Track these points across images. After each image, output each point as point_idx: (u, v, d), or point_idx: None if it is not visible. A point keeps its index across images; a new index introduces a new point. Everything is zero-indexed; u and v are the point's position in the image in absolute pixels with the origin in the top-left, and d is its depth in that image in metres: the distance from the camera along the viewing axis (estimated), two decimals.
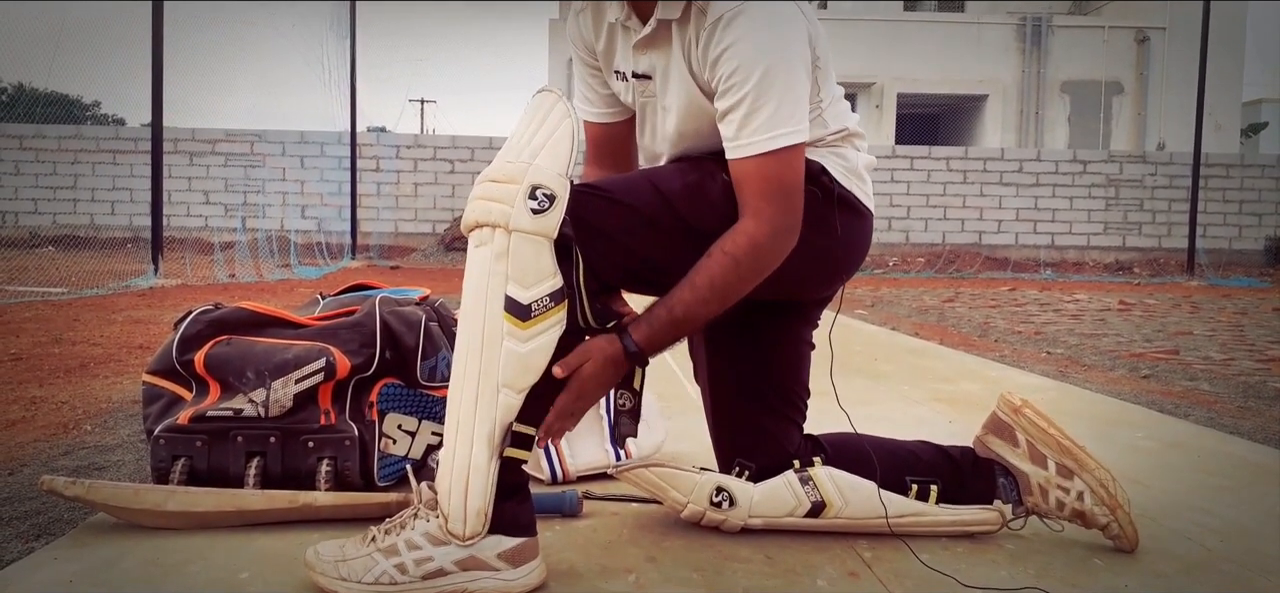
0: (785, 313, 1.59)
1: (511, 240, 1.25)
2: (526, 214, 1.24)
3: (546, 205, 1.25)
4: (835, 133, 1.51)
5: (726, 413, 1.61)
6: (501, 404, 1.27)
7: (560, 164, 1.27)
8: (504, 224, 1.25)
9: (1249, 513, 1.76)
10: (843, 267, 1.53)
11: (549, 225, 1.25)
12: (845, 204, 1.50)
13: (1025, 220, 15.13)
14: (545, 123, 1.30)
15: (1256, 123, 24.42)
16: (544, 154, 1.27)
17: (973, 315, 6.60)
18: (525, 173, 1.26)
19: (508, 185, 1.26)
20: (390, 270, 11.24)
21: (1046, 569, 1.45)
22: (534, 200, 1.25)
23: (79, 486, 1.53)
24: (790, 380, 1.60)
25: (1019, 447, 1.57)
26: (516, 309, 1.25)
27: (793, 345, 1.61)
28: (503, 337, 1.25)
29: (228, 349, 1.72)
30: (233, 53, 14.80)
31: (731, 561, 1.46)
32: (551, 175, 1.26)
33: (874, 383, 3.33)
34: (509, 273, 1.25)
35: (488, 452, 1.26)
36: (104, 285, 6.88)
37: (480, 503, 1.27)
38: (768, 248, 1.35)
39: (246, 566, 1.40)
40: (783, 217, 1.35)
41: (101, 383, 2.98)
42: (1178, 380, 3.59)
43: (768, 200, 1.34)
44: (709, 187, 1.41)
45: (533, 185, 1.25)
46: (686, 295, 1.34)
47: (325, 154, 14.28)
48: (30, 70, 9.83)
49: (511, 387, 1.27)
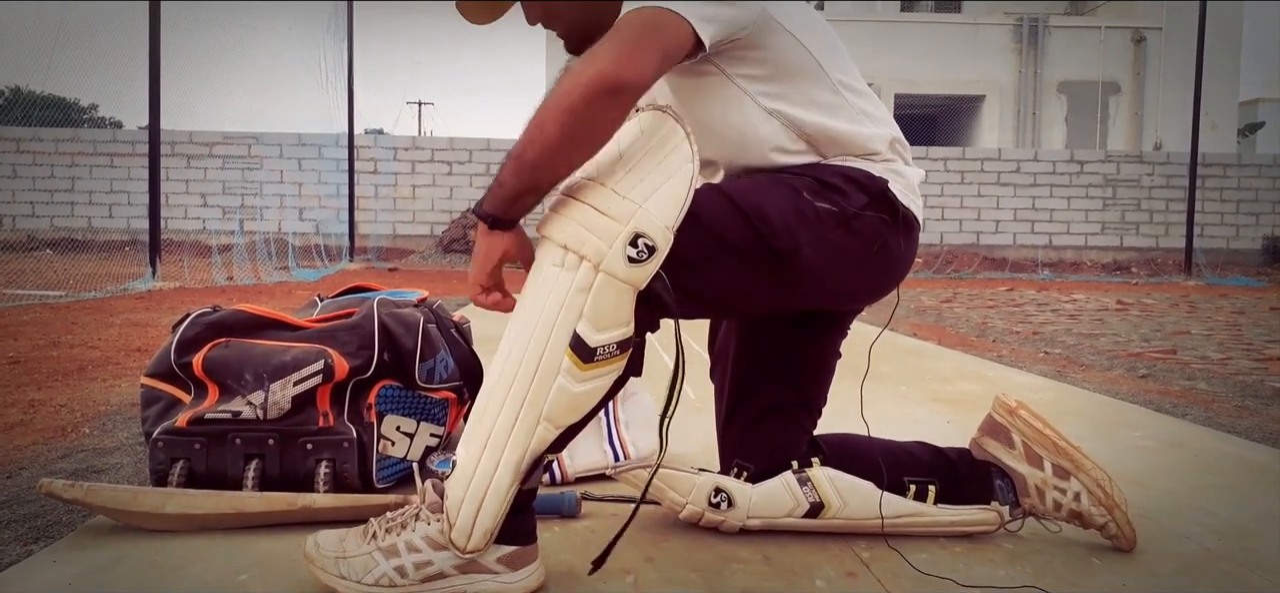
0: (821, 323, 1.58)
1: (598, 280, 1.19)
2: (623, 261, 1.18)
3: (645, 257, 1.18)
4: (882, 138, 1.45)
5: (742, 417, 1.60)
6: (538, 436, 1.23)
7: (670, 216, 1.19)
8: (595, 261, 1.18)
9: (1246, 512, 1.76)
10: (895, 282, 1.51)
11: (642, 277, 1.19)
12: (906, 223, 1.45)
13: (1023, 220, 15.15)
14: (664, 161, 1.21)
15: (1253, 122, 24.47)
16: (655, 200, 1.19)
17: (970, 315, 6.60)
18: (632, 216, 1.18)
19: (610, 221, 1.18)
20: (388, 272, 11.24)
21: (1044, 569, 1.45)
22: (634, 249, 1.18)
23: (78, 488, 1.53)
24: (815, 389, 1.60)
25: (1015, 448, 1.58)
26: (582, 349, 1.20)
27: (823, 355, 1.60)
28: (559, 371, 1.20)
29: (226, 352, 1.72)
30: (230, 56, 14.81)
31: (730, 561, 1.46)
32: (658, 227, 1.18)
33: (872, 384, 3.32)
34: (585, 311, 1.19)
35: (512, 478, 1.23)
36: (102, 288, 6.87)
37: (490, 524, 1.25)
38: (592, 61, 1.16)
39: (245, 568, 1.40)
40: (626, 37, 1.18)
41: (100, 386, 2.97)
42: (1175, 380, 3.59)
43: (625, 23, 1.20)
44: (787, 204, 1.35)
45: (636, 233, 1.17)
46: (522, 133, 1.20)
47: (323, 156, 14.29)
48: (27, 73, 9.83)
49: (553, 422, 1.23)
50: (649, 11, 1.22)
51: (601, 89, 1.15)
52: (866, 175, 1.41)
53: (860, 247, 1.39)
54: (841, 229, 1.37)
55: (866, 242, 1.40)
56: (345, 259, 12.65)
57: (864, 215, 1.38)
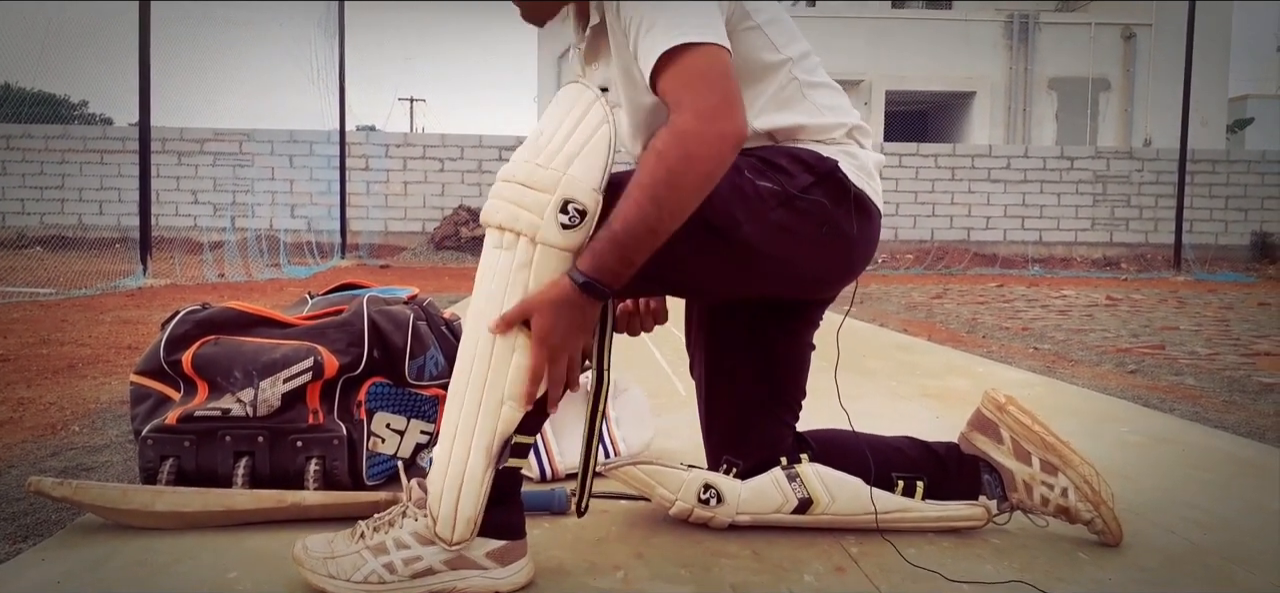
0: (789, 314, 1.58)
1: (537, 252, 1.20)
2: (556, 229, 1.20)
3: (577, 221, 1.20)
4: (840, 126, 1.46)
5: (721, 411, 1.62)
6: (505, 417, 1.24)
7: (595, 177, 1.21)
8: (531, 235, 1.20)
9: (1232, 506, 1.77)
10: (857, 265, 1.51)
11: (577, 241, 1.21)
12: (860, 205, 1.45)
13: (1013, 216, 15.20)
14: (580, 125, 1.23)
15: (1242, 118, 24.57)
16: (578, 163, 1.21)
17: (961, 311, 6.62)
18: (558, 183, 1.20)
19: (539, 194, 1.20)
20: (380, 269, 11.22)
21: (1031, 563, 1.46)
22: (565, 215, 1.19)
23: (67, 486, 1.52)
24: (789, 382, 1.61)
25: (1003, 444, 1.58)
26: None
27: (794, 347, 1.61)
28: (514, 349, 1.22)
29: (215, 349, 1.72)
30: (221, 52, 14.74)
31: (719, 557, 1.46)
32: (586, 189, 1.20)
33: (862, 379, 3.34)
34: (529, 285, 1.21)
35: (485, 462, 1.24)
36: (92, 286, 6.85)
37: (471, 512, 1.25)
38: (694, 134, 1.20)
39: (235, 565, 1.40)
40: (704, 99, 1.21)
41: (89, 384, 2.97)
42: (1163, 375, 3.61)
43: (686, 89, 1.22)
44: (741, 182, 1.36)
45: (565, 199, 1.19)
46: (622, 206, 1.21)
47: (314, 153, 14.26)
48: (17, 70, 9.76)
49: (517, 400, 1.23)
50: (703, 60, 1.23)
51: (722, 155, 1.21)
52: (815, 156, 1.41)
53: (807, 226, 1.39)
54: (784, 209, 1.37)
55: (813, 222, 1.39)
56: (337, 256, 12.62)
57: (808, 195, 1.38)
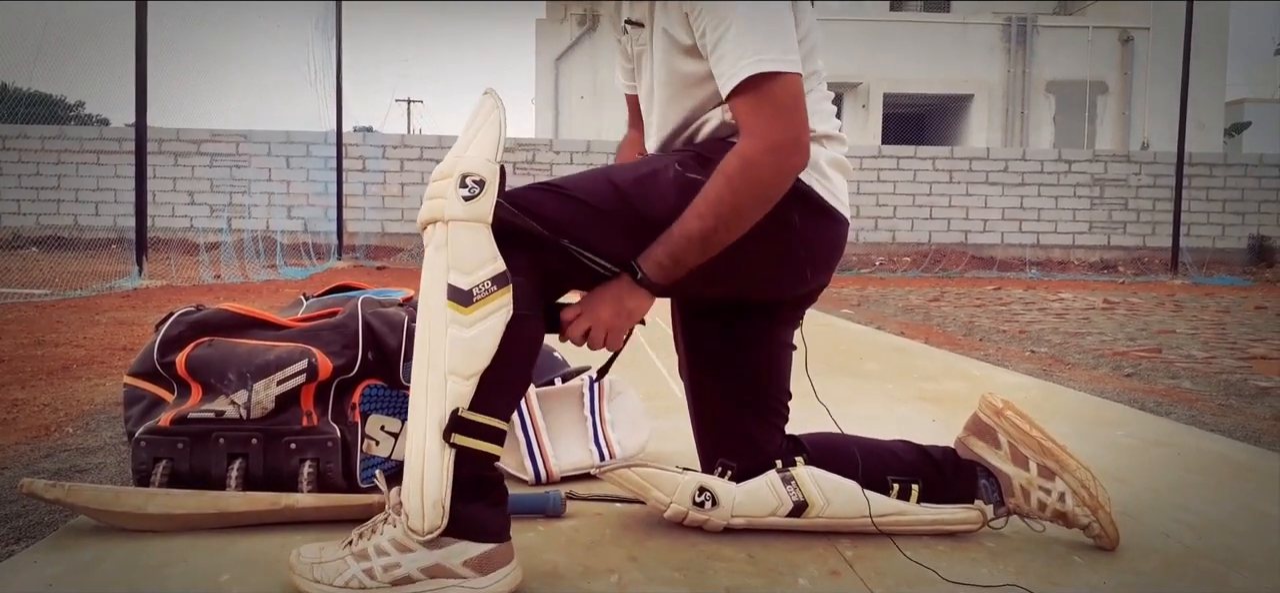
0: (761, 314, 1.58)
1: (449, 230, 1.27)
2: (458, 202, 1.27)
3: (476, 191, 1.27)
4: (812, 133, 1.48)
5: (708, 414, 1.62)
6: (450, 391, 1.26)
7: (488, 150, 1.29)
8: (441, 216, 1.28)
9: (1228, 510, 1.77)
10: (810, 266, 1.51)
11: (482, 210, 1.27)
12: (801, 198, 1.44)
13: (1011, 220, 15.22)
14: (475, 119, 1.33)
15: (1239, 122, 24.60)
16: (474, 146, 1.30)
17: (958, 314, 6.62)
18: (455, 165, 1.29)
19: (443, 181, 1.29)
20: (376, 271, 11.21)
21: (1027, 567, 1.45)
22: (464, 188, 1.27)
23: (59, 488, 1.52)
24: (769, 382, 1.61)
25: (1000, 448, 1.58)
26: (458, 296, 1.26)
27: (770, 347, 1.61)
28: (447, 324, 1.26)
29: (209, 351, 1.72)
30: (217, 52, 14.71)
31: (714, 560, 1.46)
32: (479, 162, 1.28)
33: (859, 382, 3.34)
34: (449, 262, 1.27)
35: (438, 439, 1.26)
36: (88, 287, 6.84)
37: (436, 494, 1.25)
38: (761, 161, 1.33)
39: (228, 568, 1.39)
40: (777, 131, 1.33)
41: (84, 385, 2.96)
42: (1160, 379, 3.62)
43: (759, 117, 1.33)
44: (661, 175, 1.40)
45: (463, 174, 1.28)
46: (688, 219, 1.34)
47: (311, 154, 14.24)
48: (12, 70, 9.75)
49: (458, 373, 1.26)
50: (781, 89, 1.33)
51: (785, 181, 1.36)
52: None
53: None
54: None
55: None
56: (333, 257, 12.61)
57: None
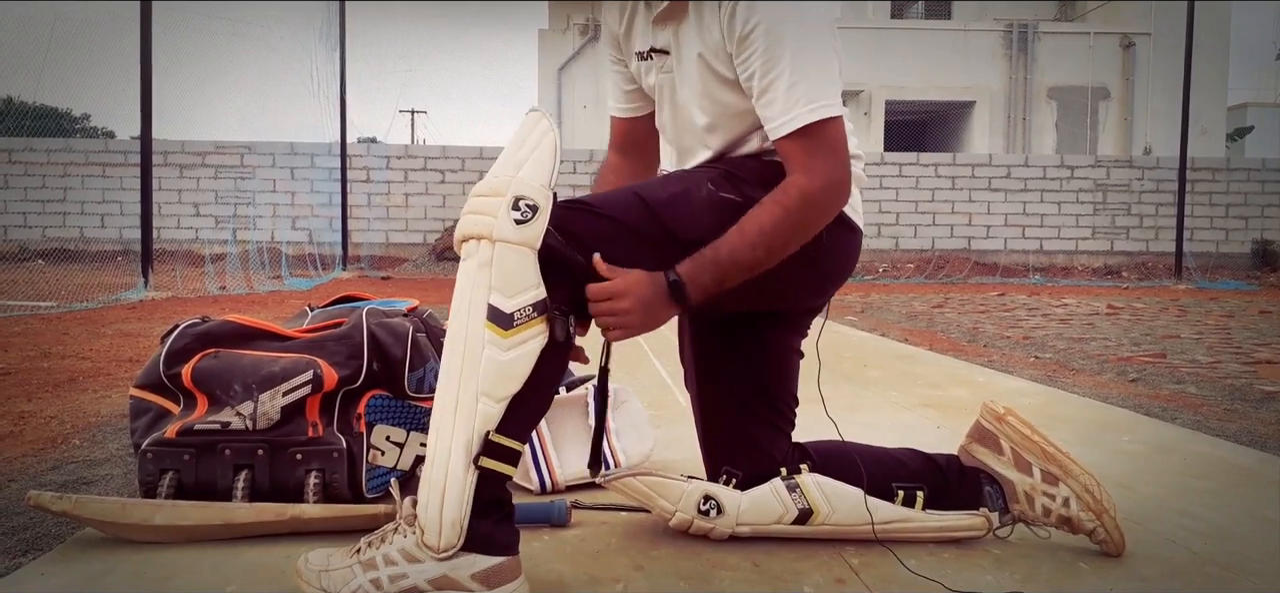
0: (772, 322, 1.59)
1: (496, 250, 1.26)
2: (510, 224, 1.25)
3: (529, 216, 1.26)
4: None
5: (715, 421, 1.63)
6: (480, 413, 1.26)
7: (543, 176, 1.28)
8: (488, 235, 1.26)
9: (1234, 516, 1.77)
10: (830, 278, 1.54)
11: (532, 235, 1.26)
12: (839, 219, 1.47)
13: (1014, 226, 15.20)
14: (528, 139, 1.32)
15: (1242, 126, 24.57)
16: (527, 167, 1.29)
17: (962, 321, 6.62)
18: (509, 185, 1.27)
19: (492, 198, 1.27)
20: (381, 281, 11.23)
21: (1032, 574, 1.45)
22: (517, 211, 1.26)
23: (66, 500, 1.52)
24: (778, 389, 1.61)
25: (1004, 455, 1.58)
26: (498, 318, 1.25)
27: (781, 354, 1.62)
28: (484, 345, 1.25)
29: (215, 362, 1.72)
30: (222, 65, 14.80)
31: (719, 568, 1.46)
32: (535, 187, 1.27)
33: (863, 389, 3.34)
34: (492, 282, 1.26)
35: (465, 460, 1.26)
36: (94, 299, 6.85)
37: (456, 514, 1.26)
38: (818, 200, 1.37)
39: (234, 579, 1.40)
40: (833, 170, 1.38)
41: (90, 397, 2.97)
42: (1164, 384, 3.61)
43: (817, 157, 1.37)
44: (694, 194, 1.42)
45: (516, 196, 1.26)
46: (734, 239, 1.35)
47: (315, 165, 14.27)
48: (19, 84, 9.80)
49: (490, 395, 1.26)
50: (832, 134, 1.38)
51: (811, 223, 1.39)
52: (778, 170, 1.43)
53: None
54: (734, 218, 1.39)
55: None
56: (338, 268, 12.63)
57: None
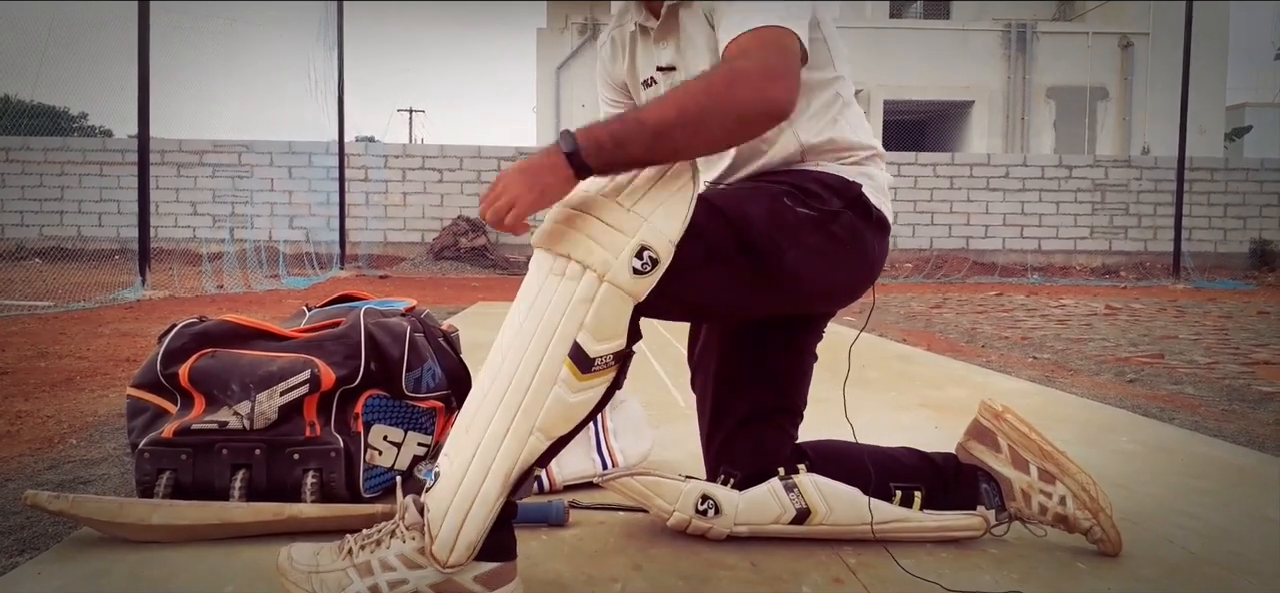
0: (797, 326, 1.61)
1: (603, 290, 1.19)
2: (628, 273, 1.19)
3: (649, 269, 1.19)
4: (865, 149, 1.52)
5: (726, 421, 1.62)
6: (530, 447, 1.21)
7: (674, 231, 1.21)
8: (601, 272, 1.19)
9: (1231, 516, 1.77)
10: (869, 282, 1.54)
11: (644, 288, 1.20)
12: (880, 225, 1.51)
13: (1012, 226, 15.20)
14: (668, 178, 1.23)
15: (1240, 126, 24.59)
16: (659, 214, 1.20)
17: (960, 321, 6.62)
18: (639, 229, 1.19)
19: (618, 234, 1.19)
20: (379, 280, 11.22)
21: (1030, 574, 1.45)
22: (639, 261, 1.19)
23: (63, 500, 1.52)
24: (794, 392, 1.62)
25: (1001, 452, 1.58)
26: (581, 358, 1.19)
27: (801, 357, 1.63)
28: (556, 381, 1.20)
29: (212, 362, 1.72)
30: (220, 64, 14.77)
31: (717, 568, 1.46)
32: (663, 241, 1.20)
33: (861, 389, 3.34)
34: (587, 321, 1.19)
35: (500, 489, 1.21)
36: (91, 298, 6.84)
37: (474, 537, 1.21)
38: (750, 79, 1.20)
39: (231, 579, 1.40)
40: (771, 61, 1.22)
41: (87, 396, 2.96)
42: (1162, 384, 3.61)
43: (758, 47, 1.23)
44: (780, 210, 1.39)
45: (642, 245, 1.19)
46: (649, 107, 1.21)
47: (313, 164, 14.26)
48: (16, 82, 9.78)
49: (546, 432, 1.21)
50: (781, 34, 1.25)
51: (765, 113, 1.22)
52: (840, 181, 1.46)
53: (838, 249, 1.44)
54: (819, 233, 1.41)
55: (843, 244, 1.44)
56: (336, 267, 12.62)
57: (841, 219, 1.43)
